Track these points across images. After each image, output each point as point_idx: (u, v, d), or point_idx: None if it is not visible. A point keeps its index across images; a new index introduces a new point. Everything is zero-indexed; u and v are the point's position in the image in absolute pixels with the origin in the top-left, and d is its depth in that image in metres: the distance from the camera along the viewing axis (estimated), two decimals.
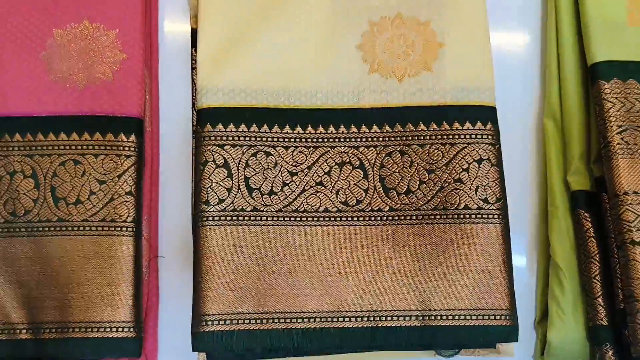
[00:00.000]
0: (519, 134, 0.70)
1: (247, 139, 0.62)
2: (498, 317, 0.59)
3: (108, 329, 0.59)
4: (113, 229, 0.61)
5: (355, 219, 0.61)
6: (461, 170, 0.62)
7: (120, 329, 0.59)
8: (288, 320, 0.58)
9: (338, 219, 0.61)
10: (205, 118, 0.62)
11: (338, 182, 0.62)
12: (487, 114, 0.63)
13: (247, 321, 0.58)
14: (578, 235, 0.63)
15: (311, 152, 0.62)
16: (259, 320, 0.58)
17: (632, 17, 0.66)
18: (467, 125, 0.62)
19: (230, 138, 0.61)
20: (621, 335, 0.59)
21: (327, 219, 0.61)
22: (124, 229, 0.61)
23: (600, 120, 0.63)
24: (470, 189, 0.61)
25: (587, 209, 0.63)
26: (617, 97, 0.63)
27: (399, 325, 0.59)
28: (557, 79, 0.68)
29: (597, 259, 0.61)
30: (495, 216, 0.61)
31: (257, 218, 0.60)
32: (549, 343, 0.61)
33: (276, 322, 0.58)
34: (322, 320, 0.59)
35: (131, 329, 0.59)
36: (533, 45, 0.72)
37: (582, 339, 0.61)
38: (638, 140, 0.62)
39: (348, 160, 0.62)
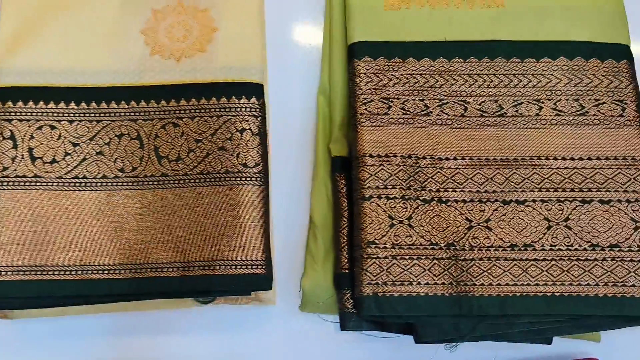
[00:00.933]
0: (302, 109, 0.78)
1: (34, 114, 0.69)
2: (251, 267, 0.66)
3: None
4: None
5: (130, 183, 0.69)
6: (225, 139, 0.69)
7: None
8: (61, 273, 0.66)
9: (114, 184, 0.69)
10: None
11: (116, 151, 0.70)
12: (253, 90, 0.71)
13: (21, 273, 0.65)
14: (334, 195, 0.71)
15: (94, 125, 0.70)
16: (32, 272, 0.65)
17: (388, 2, 0.74)
18: (233, 99, 0.70)
19: (18, 114, 0.69)
20: None
21: (104, 184, 0.69)
22: None
23: (352, 93, 0.71)
24: (231, 155, 0.69)
25: (342, 172, 0.71)
26: (366, 73, 0.71)
27: (162, 275, 0.66)
28: (328, 59, 0.76)
29: (345, 215, 0.69)
30: (254, 179, 0.68)
31: (38, 184, 0.68)
32: (303, 290, 0.69)
33: (48, 274, 0.65)
34: (93, 272, 0.66)
35: None
36: (318, 31, 0.80)
37: (330, 285, 0.69)
38: (380, 110, 0.70)
39: (127, 132, 0.70)
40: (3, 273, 0.65)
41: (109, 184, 0.69)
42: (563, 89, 0.71)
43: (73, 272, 0.66)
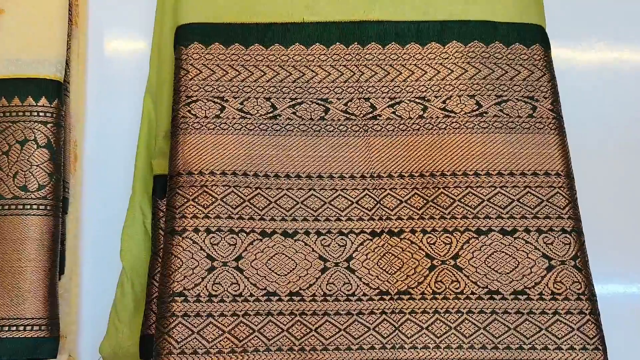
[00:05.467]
0: (128, 114, 0.60)
1: None
2: (26, 328, 0.49)
3: None
4: None
5: None
6: (1, 153, 0.52)
7: None
8: None
9: None
10: None
11: None
12: (44, 89, 0.54)
13: None
14: (153, 228, 0.53)
15: None
16: None
17: None
18: (16, 101, 0.53)
19: None
20: None
21: None
22: None
23: (174, 91, 0.54)
24: (7, 175, 0.52)
25: (163, 196, 0.53)
26: (193, 64, 0.54)
27: None
28: (157, 51, 0.59)
29: (160, 255, 0.51)
30: (35, 206, 0.51)
31: None
32: (101, 356, 0.51)
33: None
34: None
35: None
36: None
37: (137, 351, 0.51)
38: (209, 113, 0.53)
39: None
40: None
41: None
42: (455, 82, 0.54)
43: None
